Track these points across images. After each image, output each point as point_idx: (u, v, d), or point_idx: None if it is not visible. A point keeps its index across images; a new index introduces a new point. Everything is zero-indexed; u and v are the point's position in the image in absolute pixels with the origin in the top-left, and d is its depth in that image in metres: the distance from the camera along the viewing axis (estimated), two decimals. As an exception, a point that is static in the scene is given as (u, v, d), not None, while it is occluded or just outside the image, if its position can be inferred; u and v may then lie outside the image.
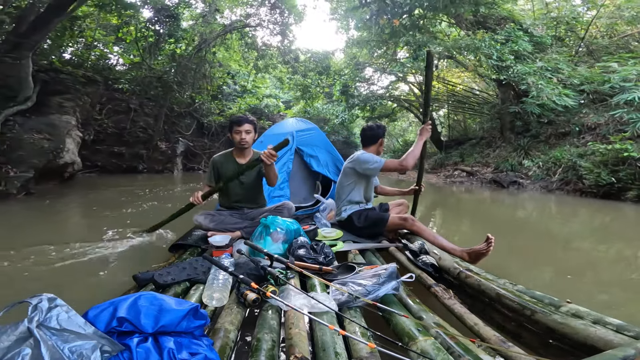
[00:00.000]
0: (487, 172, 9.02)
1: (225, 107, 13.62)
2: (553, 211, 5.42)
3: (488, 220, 4.87)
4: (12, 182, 4.51)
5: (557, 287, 2.11)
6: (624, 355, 0.82)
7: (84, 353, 0.74)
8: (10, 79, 5.35)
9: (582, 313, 1.14)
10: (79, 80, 6.80)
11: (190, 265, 1.58)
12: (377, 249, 2.18)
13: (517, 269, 2.44)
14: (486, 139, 10.95)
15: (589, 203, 5.65)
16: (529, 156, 8.23)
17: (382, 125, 2.60)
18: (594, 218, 4.91)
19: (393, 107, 15.27)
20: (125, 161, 9.47)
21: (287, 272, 1.54)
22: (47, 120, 5.55)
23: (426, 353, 0.95)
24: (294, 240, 1.88)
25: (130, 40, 10.21)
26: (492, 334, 1.11)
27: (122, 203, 4.67)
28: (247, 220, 2.34)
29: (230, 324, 1.12)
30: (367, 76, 13.00)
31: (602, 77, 6.85)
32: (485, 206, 6.32)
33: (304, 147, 3.43)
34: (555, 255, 2.90)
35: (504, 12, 9.39)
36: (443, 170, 11.07)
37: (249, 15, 12.15)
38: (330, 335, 1.03)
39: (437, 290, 1.48)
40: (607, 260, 2.80)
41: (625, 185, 5.56)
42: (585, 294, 1.99)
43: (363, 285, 1.37)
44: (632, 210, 5.00)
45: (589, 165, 6.28)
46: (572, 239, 3.66)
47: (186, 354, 0.85)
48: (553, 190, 6.81)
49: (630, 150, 5.60)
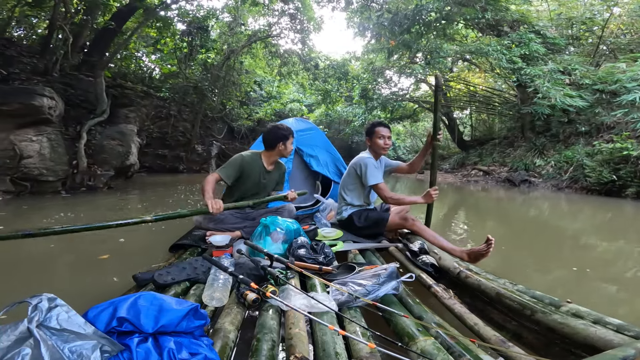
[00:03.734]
0: (503, 172, 9.18)
1: (253, 111, 14.89)
2: (554, 208, 5.54)
3: (487, 215, 5.02)
4: (99, 179, 5.84)
5: (554, 283, 2.14)
6: (624, 355, 0.82)
7: (84, 353, 0.74)
8: (89, 95, 6.62)
9: (582, 313, 1.14)
10: (139, 94, 8.29)
11: (190, 265, 1.58)
12: (377, 249, 2.18)
13: (514, 264, 2.46)
14: (509, 138, 11.11)
15: (591, 200, 5.80)
16: (543, 155, 8.41)
17: (373, 122, 2.53)
18: (593, 214, 5.05)
19: (414, 108, 15.35)
20: (168, 162, 10.91)
21: (287, 272, 1.54)
22: (118, 129, 6.68)
23: (426, 353, 0.95)
24: (294, 240, 1.88)
25: (167, 51, 11.43)
26: (492, 334, 1.11)
27: (169, 195, 5.99)
28: (247, 220, 2.34)
29: (230, 324, 1.12)
30: (388, 77, 13.20)
31: (613, 77, 6.89)
32: (489, 203, 6.49)
33: (304, 147, 3.43)
34: (553, 250, 2.95)
35: (516, 15, 9.44)
36: (462, 169, 11.23)
37: (270, 24, 12.96)
38: (330, 335, 1.02)
39: (437, 290, 1.48)
40: (602, 256, 2.84)
41: (626, 183, 5.75)
42: (584, 291, 2.02)
43: (363, 285, 1.37)
44: (631, 207, 5.16)
45: (592, 163, 6.47)
46: (568, 233, 3.75)
47: (186, 354, 0.84)
48: (563, 188, 7.00)
49: (630, 149, 5.78)
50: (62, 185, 5.34)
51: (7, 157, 4.65)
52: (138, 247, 2.64)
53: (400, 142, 19.78)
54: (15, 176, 4.75)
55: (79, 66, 7.40)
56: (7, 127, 4.70)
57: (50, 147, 5.10)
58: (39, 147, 4.94)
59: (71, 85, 6.56)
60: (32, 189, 4.94)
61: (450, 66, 11.26)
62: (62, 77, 6.60)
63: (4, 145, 4.64)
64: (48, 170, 5.03)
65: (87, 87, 6.66)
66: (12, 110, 4.67)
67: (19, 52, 6.96)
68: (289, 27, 12.74)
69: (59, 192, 5.21)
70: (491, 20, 9.12)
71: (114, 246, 2.61)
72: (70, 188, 5.41)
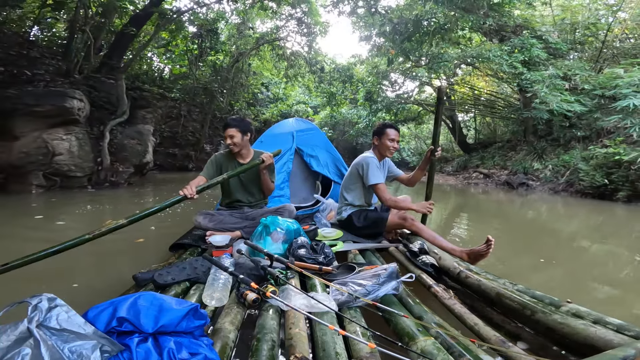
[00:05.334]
0: (503, 175, 9.31)
1: (260, 112, 15.40)
2: (549, 211, 5.67)
3: (484, 216, 5.18)
4: (121, 175, 6.32)
5: (546, 282, 2.21)
6: (624, 355, 0.82)
7: (84, 353, 0.74)
8: (111, 96, 7.01)
9: (582, 313, 1.14)
10: (155, 96, 8.67)
11: (190, 265, 1.58)
12: (377, 249, 2.18)
13: (508, 263, 2.50)
14: (512, 142, 11.22)
15: (585, 203, 5.99)
16: (542, 159, 8.54)
17: (381, 123, 2.53)
18: (586, 217, 5.16)
19: (419, 111, 15.40)
20: (178, 160, 11.40)
21: (287, 272, 1.54)
22: (136, 129, 7.10)
23: (426, 353, 0.95)
24: (294, 240, 1.88)
25: (178, 52, 11.82)
26: (492, 334, 1.11)
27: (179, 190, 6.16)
28: (247, 220, 2.34)
29: (230, 324, 1.12)
30: (392, 80, 13.35)
31: (612, 82, 6.95)
32: (487, 205, 6.63)
33: (304, 147, 3.42)
34: (545, 250, 3.02)
35: (519, 20, 9.49)
36: (464, 172, 11.33)
37: (278, 27, 13.23)
38: (330, 335, 1.02)
39: (437, 290, 1.48)
40: (593, 258, 2.93)
41: (617, 187, 5.95)
42: (574, 288, 2.11)
43: (363, 285, 1.37)
44: (622, 210, 5.32)
45: (586, 168, 6.67)
46: (562, 235, 3.86)
47: (186, 354, 0.84)
48: (559, 191, 7.17)
49: (622, 154, 5.96)
50: (88, 180, 5.80)
51: (41, 154, 5.08)
52: (138, 246, 2.64)
53: (404, 144, 19.88)
54: (48, 172, 5.19)
55: (99, 68, 7.79)
56: (40, 126, 5.11)
57: (78, 146, 5.54)
58: (69, 145, 5.37)
59: (95, 88, 6.94)
60: (62, 183, 5.38)
61: (453, 70, 11.31)
62: (86, 80, 6.95)
63: (37, 143, 5.04)
64: (76, 166, 5.49)
65: (109, 90, 7.07)
66: (45, 111, 5.06)
67: (41, 53, 7.23)
68: (296, 31, 13.06)
69: (85, 187, 5.68)
70: (494, 25, 9.17)
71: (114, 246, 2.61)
72: (95, 183, 5.89)
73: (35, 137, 5.04)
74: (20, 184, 5.03)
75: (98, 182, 5.96)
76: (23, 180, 5.04)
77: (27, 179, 5.04)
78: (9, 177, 5.00)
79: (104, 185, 5.98)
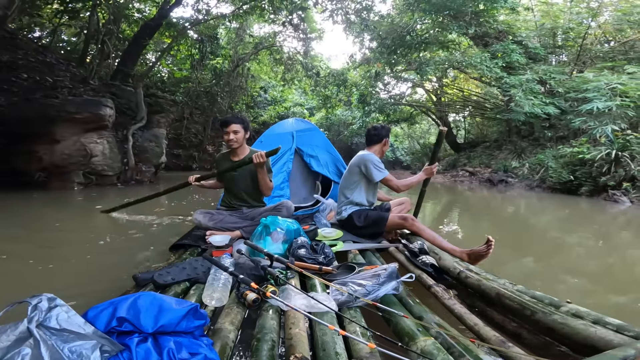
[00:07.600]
0: (486, 173, 9.83)
1: (258, 114, 16.04)
2: (526, 205, 6.33)
3: (463, 207, 5.95)
4: (144, 174, 7.13)
5: (515, 271, 2.42)
6: (624, 355, 0.82)
7: (84, 353, 0.74)
8: (131, 103, 7.66)
9: (582, 313, 1.14)
10: (168, 102, 9.58)
11: (190, 265, 1.58)
12: (377, 249, 2.18)
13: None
14: (498, 141, 11.78)
15: (555, 198, 6.69)
16: (520, 158, 9.13)
17: (386, 126, 2.65)
18: (554, 209, 5.76)
19: (411, 112, 15.82)
20: (182, 161, 12.18)
21: (287, 272, 1.54)
22: (153, 132, 7.75)
23: (426, 353, 0.95)
24: (294, 240, 1.88)
25: (180, 57, 12.65)
26: (492, 334, 1.11)
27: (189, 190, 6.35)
28: (246, 220, 2.34)
29: (230, 324, 1.12)
30: (385, 82, 13.82)
31: (581, 86, 7.37)
32: (465, 198, 7.49)
33: (304, 147, 3.42)
34: (517, 240, 3.43)
35: (502, 26, 9.91)
36: (452, 170, 11.78)
37: (275, 33, 13.72)
38: (330, 335, 1.02)
39: (437, 290, 1.48)
40: (557, 247, 3.24)
41: (581, 182, 6.61)
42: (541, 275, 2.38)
43: (363, 285, 1.36)
44: (585, 203, 5.97)
45: (555, 165, 7.34)
46: (532, 226, 4.26)
47: (186, 354, 0.84)
48: (534, 187, 7.82)
49: (585, 152, 6.52)
50: (117, 179, 6.57)
51: (81, 156, 5.80)
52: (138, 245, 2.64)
53: (398, 144, 20.50)
54: (87, 171, 5.98)
55: (114, 75, 8.31)
56: (78, 131, 5.79)
57: (109, 148, 6.29)
58: (102, 148, 6.12)
59: (116, 95, 7.46)
60: (96, 181, 6.16)
61: (442, 72, 11.84)
62: (108, 87, 7.56)
63: (77, 146, 5.77)
64: (108, 166, 6.26)
65: (129, 96, 7.75)
66: (84, 118, 5.73)
67: (56, 59, 7.61)
68: (293, 36, 13.53)
69: (115, 185, 6.46)
70: (479, 32, 9.63)
71: (114, 246, 2.61)
72: (123, 181, 6.66)
73: (75, 141, 5.72)
74: (62, 181, 5.70)
75: (125, 180, 6.67)
76: (65, 179, 5.72)
77: (69, 177, 5.75)
78: (51, 176, 5.68)
79: (130, 183, 6.72)
